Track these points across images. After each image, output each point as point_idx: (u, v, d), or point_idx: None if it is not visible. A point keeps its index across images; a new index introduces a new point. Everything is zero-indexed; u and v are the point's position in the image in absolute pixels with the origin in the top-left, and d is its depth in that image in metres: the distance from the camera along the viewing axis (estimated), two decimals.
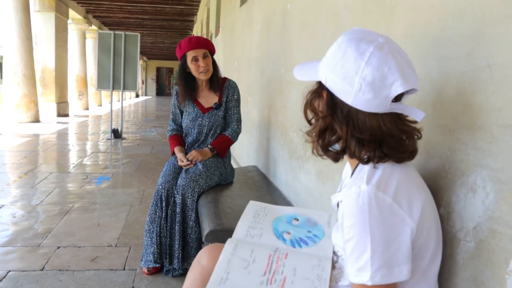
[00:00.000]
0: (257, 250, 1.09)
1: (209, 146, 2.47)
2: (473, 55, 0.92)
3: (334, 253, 1.10)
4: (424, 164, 1.10)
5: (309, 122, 0.99)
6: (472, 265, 0.90)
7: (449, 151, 0.99)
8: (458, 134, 0.96)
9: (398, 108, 0.88)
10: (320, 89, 0.95)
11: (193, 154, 2.39)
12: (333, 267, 1.06)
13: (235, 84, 2.59)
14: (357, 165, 0.96)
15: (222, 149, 2.49)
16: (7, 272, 2.27)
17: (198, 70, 2.40)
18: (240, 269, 1.03)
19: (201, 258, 1.22)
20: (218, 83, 2.51)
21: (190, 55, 2.39)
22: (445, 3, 1.03)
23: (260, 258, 1.07)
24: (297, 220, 1.25)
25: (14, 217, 3.17)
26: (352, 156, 0.93)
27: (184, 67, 2.44)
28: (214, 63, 2.49)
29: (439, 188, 1.02)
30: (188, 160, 2.36)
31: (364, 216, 0.83)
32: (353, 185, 0.89)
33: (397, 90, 0.84)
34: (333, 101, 0.91)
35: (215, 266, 1.06)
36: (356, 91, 0.85)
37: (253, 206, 1.32)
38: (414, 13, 1.18)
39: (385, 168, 0.90)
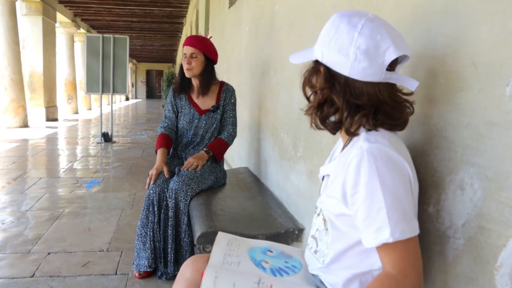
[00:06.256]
0: (239, 284, 1.01)
1: (204, 149, 2.44)
2: (459, 54, 0.93)
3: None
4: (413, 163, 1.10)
5: (307, 99, 1.02)
6: (461, 262, 0.91)
7: (437, 149, 1.00)
8: (446, 132, 0.97)
9: (392, 77, 0.91)
10: (316, 66, 0.98)
11: (190, 161, 2.33)
12: None
13: (233, 88, 2.60)
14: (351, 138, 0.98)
15: (218, 153, 2.47)
16: None
17: (184, 66, 2.46)
18: None
19: (185, 270, 1.19)
20: (208, 86, 2.49)
21: (183, 51, 2.47)
22: (429, 3, 1.04)
23: None
24: (271, 252, 1.22)
25: (3, 223, 3.13)
26: (348, 127, 0.94)
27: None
28: (208, 66, 2.46)
29: (427, 186, 1.03)
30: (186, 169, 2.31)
31: (372, 174, 0.85)
32: (352, 150, 0.91)
33: (391, 56, 0.87)
34: (330, 74, 0.94)
35: None
36: (352, 61, 0.88)
37: (224, 236, 1.27)
38: (400, 13, 1.19)
39: (381, 131, 0.93)
